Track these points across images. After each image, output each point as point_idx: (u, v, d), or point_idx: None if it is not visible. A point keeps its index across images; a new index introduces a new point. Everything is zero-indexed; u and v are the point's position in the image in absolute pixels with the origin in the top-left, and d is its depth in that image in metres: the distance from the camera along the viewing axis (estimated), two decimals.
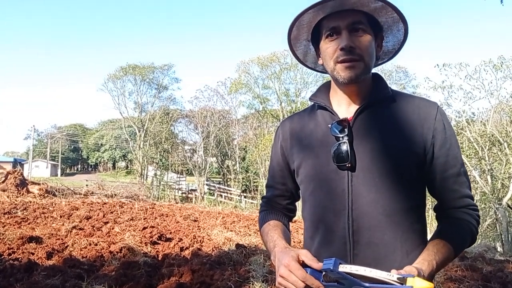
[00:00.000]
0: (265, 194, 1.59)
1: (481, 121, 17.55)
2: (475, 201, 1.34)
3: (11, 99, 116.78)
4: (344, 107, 1.36)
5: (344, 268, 1.05)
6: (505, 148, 16.01)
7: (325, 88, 1.44)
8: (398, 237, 1.24)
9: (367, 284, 1.03)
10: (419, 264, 1.15)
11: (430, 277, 1.14)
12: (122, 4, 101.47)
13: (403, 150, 1.26)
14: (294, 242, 8.50)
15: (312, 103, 1.45)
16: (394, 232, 1.24)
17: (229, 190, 34.44)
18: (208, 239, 8.45)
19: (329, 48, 1.28)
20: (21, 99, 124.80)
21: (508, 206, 13.70)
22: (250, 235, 9.63)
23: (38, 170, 56.15)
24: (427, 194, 1.36)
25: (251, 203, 29.84)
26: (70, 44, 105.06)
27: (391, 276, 1.02)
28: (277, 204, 1.54)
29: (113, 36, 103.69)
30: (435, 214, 1.37)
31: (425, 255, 1.19)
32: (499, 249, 14.04)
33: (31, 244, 6.61)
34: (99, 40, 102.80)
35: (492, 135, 16.49)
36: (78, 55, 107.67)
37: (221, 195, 32.79)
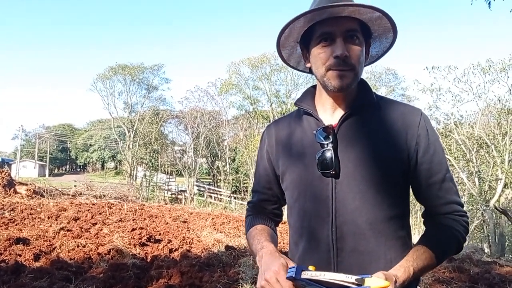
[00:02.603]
0: (251, 198, 1.59)
1: (469, 124, 17.77)
2: (463, 203, 1.33)
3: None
4: (329, 112, 1.36)
5: (305, 274, 1.09)
6: (492, 151, 16.20)
7: (310, 93, 1.44)
8: (382, 244, 1.25)
9: None
10: (395, 270, 1.15)
11: (407, 283, 1.15)
12: (112, 5, 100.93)
13: (388, 158, 1.27)
14: (284, 243, 8.51)
15: (298, 107, 1.45)
16: (378, 239, 1.24)
17: (219, 191, 34.40)
18: (198, 241, 8.43)
19: (322, 54, 1.26)
20: (9, 98, 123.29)
21: (495, 208, 13.84)
22: (239, 236, 9.62)
23: (26, 170, 55.60)
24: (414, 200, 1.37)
25: (241, 204, 29.81)
26: (59, 44, 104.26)
27: (349, 278, 1.05)
28: (263, 209, 1.54)
29: (103, 36, 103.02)
30: (423, 220, 1.36)
31: (403, 261, 1.20)
32: (487, 250, 14.21)
33: (18, 245, 6.54)
34: (89, 40, 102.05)
35: (480, 138, 16.68)
36: (67, 55, 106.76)
37: (211, 196, 32.75)
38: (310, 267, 1.12)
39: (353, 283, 1.04)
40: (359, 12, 1.24)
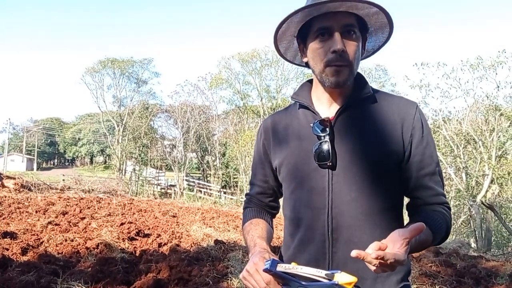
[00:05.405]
0: (248, 191, 1.61)
1: (457, 120, 17.90)
2: (450, 198, 1.34)
3: None
4: (325, 105, 1.37)
5: (280, 267, 1.12)
6: (479, 147, 16.37)
7: (307, 86, 1.45)
8: (376, 236, 1.24)
9: (304, 283, 1.10)
10: (402, 231, 1.07)
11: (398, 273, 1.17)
12: None
13: (383, 150, 1.28)
14: (273, 237, 8.53)
15: (294, 101, 1.46)
16: (372, 231, 1.26)
17: (208, 186, 34.34)
18: (187, 235, 8.42)
19: (320, 49, 1.27)
20: None
21: (482, 203, 14.00)
22: (229, 231, 9.64)
23: (14, 164, 55.03)
24: None
25: (231, 199, 29.84)
26: (47, 36, 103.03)
27: (320, 272, 1.07)
28: (260, 201, 1.56)
29: (92, 29, 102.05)
30: (407, 212, 1.37)
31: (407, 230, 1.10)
32: (473, 245, 14.40)
33: (5, 239, 6.46)
34: (77, 33, 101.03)
35: (468, 134, 16.84)
36: (56, 48, 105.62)
37: (200, 191, 32.69)
38: (293, 263, 1.14)
39: (323, 277, 1.07)
40: (356, 7, 1.24)
